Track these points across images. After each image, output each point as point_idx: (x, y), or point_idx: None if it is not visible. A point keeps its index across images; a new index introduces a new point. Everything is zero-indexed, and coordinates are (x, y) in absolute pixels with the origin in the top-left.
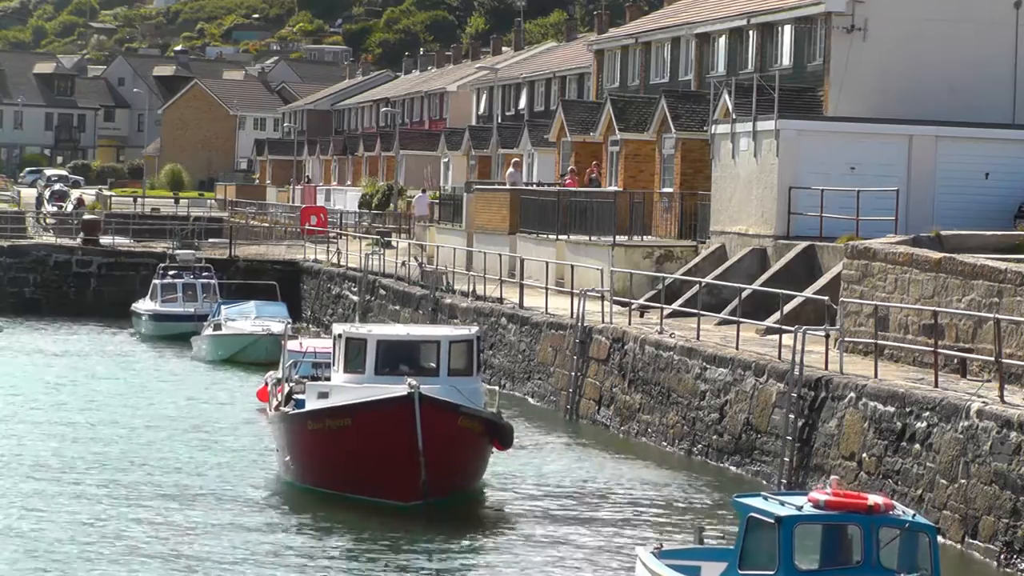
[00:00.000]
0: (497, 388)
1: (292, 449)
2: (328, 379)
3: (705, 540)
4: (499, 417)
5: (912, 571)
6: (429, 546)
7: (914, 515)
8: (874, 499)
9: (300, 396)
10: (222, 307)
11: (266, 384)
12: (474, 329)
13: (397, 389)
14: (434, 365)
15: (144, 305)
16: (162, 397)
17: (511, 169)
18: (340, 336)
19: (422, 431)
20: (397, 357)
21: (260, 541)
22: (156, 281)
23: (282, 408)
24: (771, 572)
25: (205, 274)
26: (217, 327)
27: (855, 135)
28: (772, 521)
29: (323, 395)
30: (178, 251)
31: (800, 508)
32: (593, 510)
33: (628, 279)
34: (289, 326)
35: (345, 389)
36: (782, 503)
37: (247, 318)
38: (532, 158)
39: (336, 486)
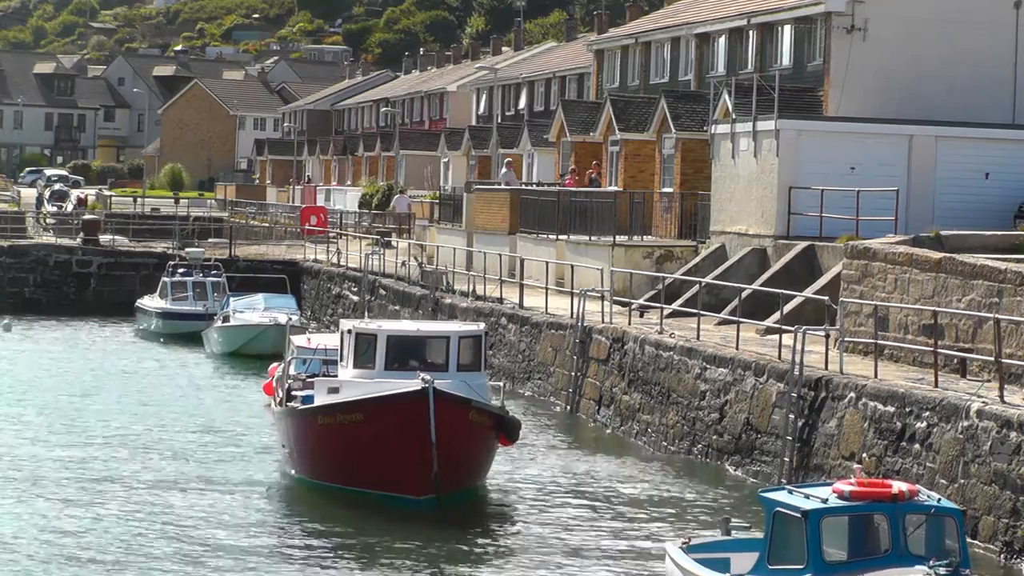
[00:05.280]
0: (502, 384)
1: (300, 444)
2: (335, 375)
3: (732, 531)
4: (506, 412)
5: (940, 556)
6: (442, 541)
7: (939, 499)
8: (898, 486)
9: (299, 393)
10: (231, 299)
11: (271, 379)
12: (481, 325)
13: (408, 384)
14: (443, 360)
15: (153, 303)
16: (168, 393)
17: (504, 169)
18: (349, 331)
19: (436, 425)
20: (407, 352)
21: (266, 535)
22: (165, 279)
23: (286, 404)
24: (800, 566)
25: (214, 272)
26: (225, 319)
27: (855, 135)
28: (799, 515)
29: (333, 390)
30: (188, 249)
31: (825, 500)
32: (603, 506)
33: (628, 279)
34: (296, 318)
35: (356, 384)
36: (807, 496)
37: (255, 310)
38: (532, 158)
39: (346, 481)
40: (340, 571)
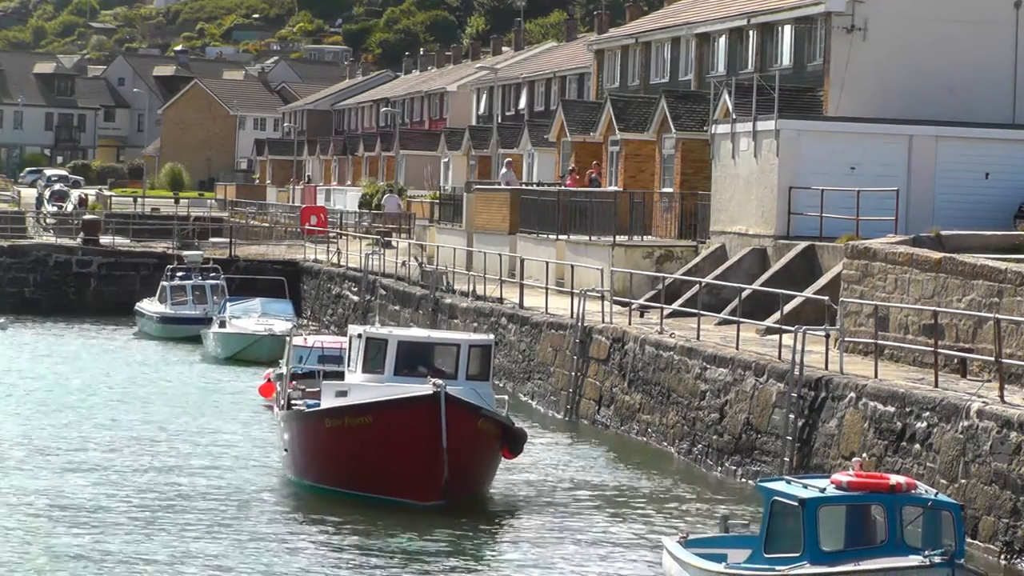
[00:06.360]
0: (507, 397)
1: (305, 447)
2: (336, 375)
3: (731, 529)
4: (512, 423)
5: (936, 548)
6: (442, 541)
7: (937, 493)
8: (896, 479)
9: (298, 401)
10: (228, 304)
11: (267, 380)
12: (491, 336)
13: (419, 389)
14: (452, 368)
15: (152, 306)
16: (167, 394)
17: (504, 169)
18: (360, 336)
19: (446, 430)
20: (417, 359)
21: (264, 538)
22: (164, 283)
23: (287, 408)
24: (797, 554)
25: (213, 275)
26: (222, 324)
27: (855, 135)
28: (796, 504)
29: (341, 394)
30: (187, 252)
31: (823, 490)
32: (603, 506)
33: (628, 279)
34: (295, 326)
35: (365, 388)
36: (805, 486)
37: (251, 316)
38: (532, 158)
39: (350, 485)
40: (340, 571)
